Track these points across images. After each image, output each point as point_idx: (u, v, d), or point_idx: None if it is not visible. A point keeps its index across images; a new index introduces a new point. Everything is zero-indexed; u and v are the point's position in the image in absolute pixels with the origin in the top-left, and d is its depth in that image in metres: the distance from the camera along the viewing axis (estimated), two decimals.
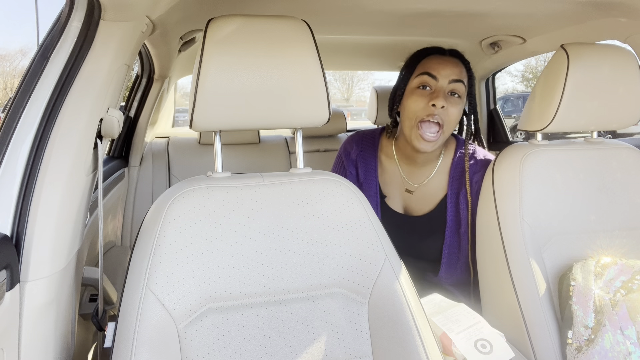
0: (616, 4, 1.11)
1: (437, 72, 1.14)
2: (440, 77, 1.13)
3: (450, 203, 1.21)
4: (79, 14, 0.75)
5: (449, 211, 1.21)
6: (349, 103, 27.04)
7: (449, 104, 1.12)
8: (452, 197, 1.21)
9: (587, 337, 0.87)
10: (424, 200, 1.24)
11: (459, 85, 1.14)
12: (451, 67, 1.14)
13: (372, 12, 1.31)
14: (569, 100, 1.02)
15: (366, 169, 1.27)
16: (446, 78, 1.13)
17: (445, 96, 1.12)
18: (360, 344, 0.77)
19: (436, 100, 1.10)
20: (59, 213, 0.71)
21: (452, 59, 1.17)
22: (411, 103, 1.15)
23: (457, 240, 1.20)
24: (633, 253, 1.05)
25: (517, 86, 20.59)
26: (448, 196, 1.21)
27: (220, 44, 0.75)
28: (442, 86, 1.13)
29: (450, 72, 1.14)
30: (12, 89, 14.79)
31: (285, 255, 0.78)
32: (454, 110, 1.13)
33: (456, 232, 1.20)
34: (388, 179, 1.28)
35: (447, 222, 1.20)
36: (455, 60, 1.17)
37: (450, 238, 1.20)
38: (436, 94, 1.12)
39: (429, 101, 1.12)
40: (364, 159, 1.29)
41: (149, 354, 0.66)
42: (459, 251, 1.20)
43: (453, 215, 1.20)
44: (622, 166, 1.11)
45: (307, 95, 0.79)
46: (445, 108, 1.11)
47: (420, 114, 1.13)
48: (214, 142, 0.84)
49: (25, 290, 0.67)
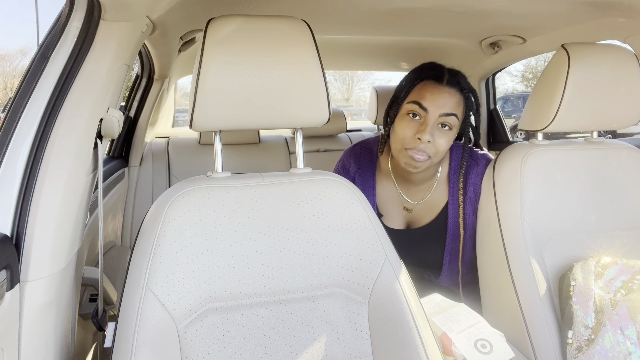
0: (616, 4, 1.11)
1: (428, 104, 1.07)
2: (430, 109, 1.06)
3: (452, 210, 1.19)
4: (79, 14, 0.75)
5: (450, 219, 1.19)
6: (349, 103, 27.04)
7: (437, 137, 1.07)
8: (453, 204, 1.19)
9: (587, 337, 0.87)
10: (424, 213, 1.22)
11: (450, 118, 1.07)
12: (445, 99, 1.07)
13: (372, 12, 1.31)
14: (569, 100, 1.02)
15: (363, 187, 1.24)
16: (437, 111, 1.06)
17: (433, 130, 1.06)
18: (360, 344, 0.77)
19: (422, 135, 1.05)
20: (59, 213, 0.71)
21: (448, 88, 1.08)
22: (399, 130, 1.10)
23: (458, 247, 1.19)
24: (633, 253, 1.05)
25: (517, 86, 20.63)
26: (449, 204, 1.19)
27: (220, 44, 0.75)
28: (432, 118, 1.07)
29: (443, 104, 1.06)
30: (12, 89, 14.79)
31: (285, 255, 0.78)
32: (442, 142, 1.08)
33: (458, 239, 1.19)
34: (386, 197, 1.25)
35: (448, 229, 1.19)
36: (451, 90, 1.08)
37: (451, 245, 1.19)
38: (423, 127, 1.06)
39: (415, 133, 1.07)
40: (362, 177, 1.25)
41: (149, 354, 0.66)
42: (461, 256, 1.20)
43: (455, 222, 1.19)
44: (622, 166, 1.11)
45: (307, 95, 0.79)
46: (432, 141, 1.06)
47: (406, 143, 1.08)
48: (214, 142, 0.84)
49: (25, 290, 0.67)
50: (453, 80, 1.09)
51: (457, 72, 1.13)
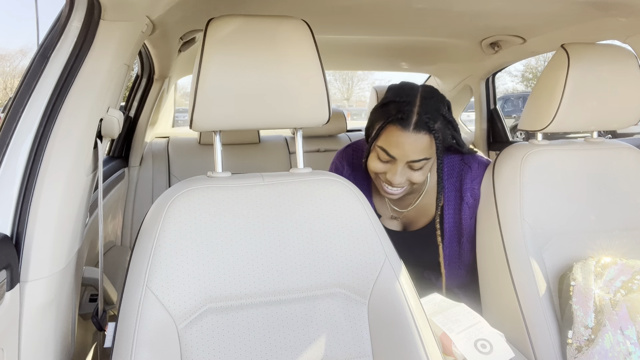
0: (616, 4, 1.11)
1: (395, 152, 1.02)
2: (398, 157, 1.02)
3: (448, 215, 1.17)
4: (79, 14, 0.75)
5: (446, 223, 1.18)
6: (349, 103, 27.04)
7: (410, 174, 1.05)
8: (449, 209, 1.17)
9: (587, 337, 0.87)
10: (418, 217, 1.21)
11: (419, 163, 1.03)
12: (411, 147, 1.00)
13: (372, 12, 1.31)
14: (569, 100, 1.02)
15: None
16: (404, 159, 1.02)
17: (404, 171, 1.04)
18: (360, 344, 0.77)
19: (392, 178, 1.03)
20: (59, 213, 0.71)
21: (414, 134, 1.00)
22: (371, 163, 1.08)
23: (458, 250, 1.18)
24: (633, 253, 1.05)
25: (517, 86, 20.62)
26: (445, 208, 1.17)
27: (220, 44, 0.75)
28: (401, 164, 1.03)
29: (410, 152, 1.01)
30: (12, 89, 14.78)
31: (285, 255, 0.78)
32: (416, 175, 1.05)
33: (457, 242, 1.18)
34: (379, 200, 1.24)
35: (445, 233, 1.18)
36: (418, 135, 1.00)
37: (449, 249, 1.18)
38: (393, 171, 1.04)
39: (386, 172, 1.05)
40: (356, 179, 1.23)
41: (149, 354, 0.66)
42: (460, 259, 1.19)
43: (451, 226, 1.18)
44: (622, 166, 1.11)
45: (307, 95, 0.79)
46: (406, 178, 1.05)
47: (380, 176, 1.07)
48: (214, 142, 0.84)
49: (25, 290, 0.67)
50: (421, 123, 1.00)
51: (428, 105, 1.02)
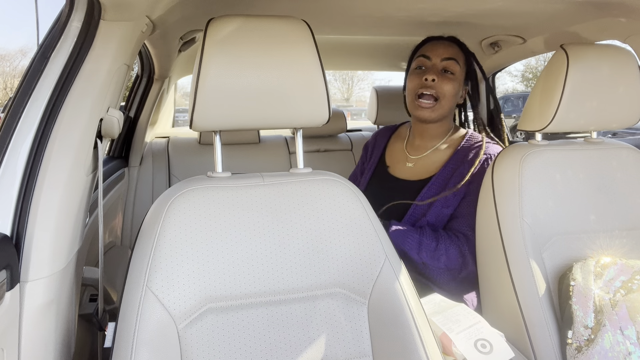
0: (616, 4, 1.11)
1: (430, 53, 1.27)
2: (432, 56, 1.27)
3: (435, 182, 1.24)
4: (79, 14, 0.75)
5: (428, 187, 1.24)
6: (349, 103, 27.03)
7: (441, 79, 1.24)
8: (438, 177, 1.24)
9: (587, 337, 0.87)
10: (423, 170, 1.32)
11: (451, 62, 1.25)
12: (444, 48, 1.27)
13: (372, 12, 1.31)
14: (568, 100, 1.02)
15: (375, 146, 1.47)
16: (438, 57, 1.26)
17: (437, 72, 1.24)
18: (360, 344, 0.77)
19: (428, 75, 1.24)
20: (59, 213, 0.71)
21: (446, 41, 1.30)
22: (409, 83, 1.30)
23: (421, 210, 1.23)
24: (633, 253, 1.05)
25: (517, 86, 20.62)
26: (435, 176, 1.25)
27: (220, 44, 0.75)
28: (435, 64, 1.26)
29: (443, 51, 1.26)
30: (12, 89, 14.78)
31: (285, 255, 0.78)
32: (446, 86, 1.24)
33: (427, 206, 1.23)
34: (394, 151, 1.43)
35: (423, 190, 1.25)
36: (449, 42, 1.30)
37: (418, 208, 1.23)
38: (429, 71, 1.25)
39: (422, 78, 1.25)
40: (377, 142, 1.48)
41: (149, 354, 0.66)
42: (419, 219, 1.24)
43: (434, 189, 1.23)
44: (622, 166, 1.11)
45: (307, 95, 0.79)
46: (438, 82, 1.23)
47: (416, 89, 1.26)
48: (214, 142, 0.84)
49: (25, 290, 0.67)
50: (451, 37, 1.32)
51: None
